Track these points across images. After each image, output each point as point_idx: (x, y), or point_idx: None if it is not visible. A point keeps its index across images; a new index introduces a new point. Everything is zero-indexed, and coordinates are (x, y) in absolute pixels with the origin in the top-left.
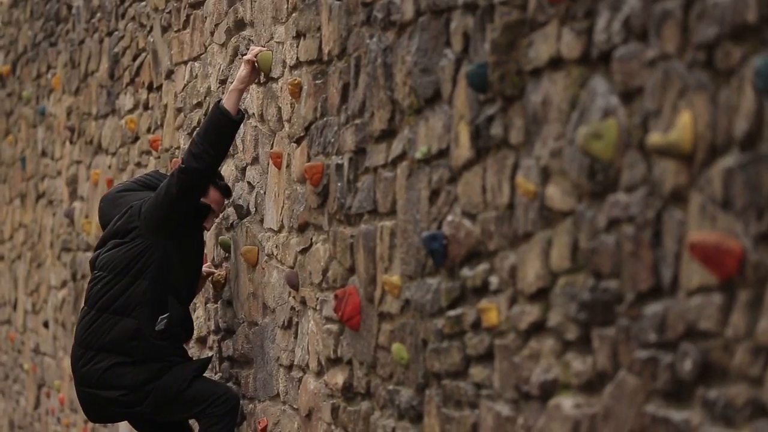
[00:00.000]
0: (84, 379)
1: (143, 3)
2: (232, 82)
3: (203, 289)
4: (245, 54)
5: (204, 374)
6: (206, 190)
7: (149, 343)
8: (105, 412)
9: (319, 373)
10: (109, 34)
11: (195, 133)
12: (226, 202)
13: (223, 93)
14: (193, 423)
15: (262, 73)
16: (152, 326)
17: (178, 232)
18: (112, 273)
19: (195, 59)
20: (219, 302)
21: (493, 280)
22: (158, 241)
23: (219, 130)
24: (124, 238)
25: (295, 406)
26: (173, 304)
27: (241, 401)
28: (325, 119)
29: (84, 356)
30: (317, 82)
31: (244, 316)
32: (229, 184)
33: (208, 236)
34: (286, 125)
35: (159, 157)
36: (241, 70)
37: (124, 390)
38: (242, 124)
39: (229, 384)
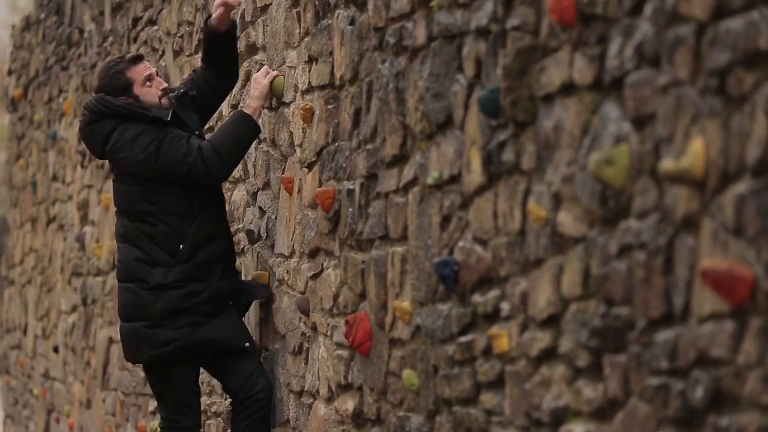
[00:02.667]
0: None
1: (155, 27)
2: (242, 107)
3: None
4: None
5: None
6: (131, 89)
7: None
8: (134, 348)
9: (330, 399)
10: None
11: (221, 137)
12: (149, 67)
13: None
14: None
15: (275, 98)
16: (170, 251)
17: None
18: (125, 214)
19: None
20: None
21: (504, 306)
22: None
23: (248, 143)
24: (123, 183)
25: None
26: (192, 222)
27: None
28: (336, 144)
29: (117, 290)
30: (329, 106)
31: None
32: (240, 209)
33: None
34: (298, 150)
35: None
36: (264, 85)
37: (145, 321)
38: (254, 149)
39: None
